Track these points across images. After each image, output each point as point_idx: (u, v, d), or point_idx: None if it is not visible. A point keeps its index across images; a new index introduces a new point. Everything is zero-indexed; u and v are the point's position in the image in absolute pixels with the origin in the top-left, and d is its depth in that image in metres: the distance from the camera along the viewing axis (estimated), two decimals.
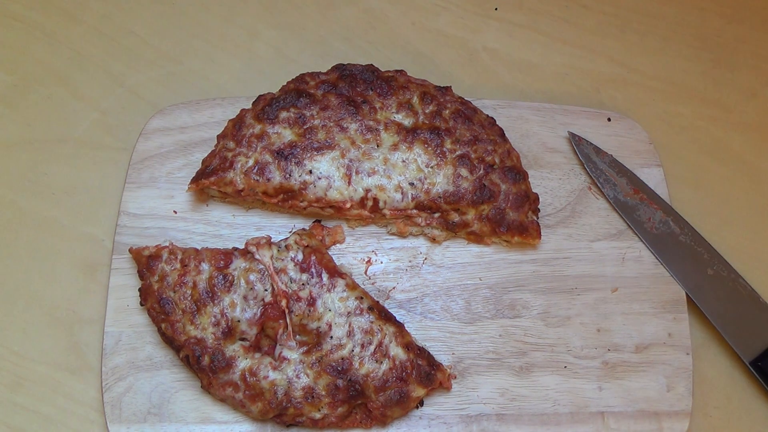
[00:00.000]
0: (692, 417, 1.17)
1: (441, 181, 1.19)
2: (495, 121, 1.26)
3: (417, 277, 1.22)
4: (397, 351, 1.11)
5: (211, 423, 1.12)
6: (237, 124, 1.21)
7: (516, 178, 1.21)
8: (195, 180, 1.19)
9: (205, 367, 1.08)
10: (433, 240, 1.24)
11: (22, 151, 1.31)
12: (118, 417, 1.11)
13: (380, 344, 1.11)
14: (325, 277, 1.13)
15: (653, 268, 1.25)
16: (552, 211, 1.28)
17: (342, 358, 1.09)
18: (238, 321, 1.10)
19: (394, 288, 1.21)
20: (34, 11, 1.42)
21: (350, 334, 1.11)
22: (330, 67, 1.26)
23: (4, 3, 1.42)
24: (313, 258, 1.14)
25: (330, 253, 1.21)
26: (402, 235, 1.24)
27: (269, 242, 1.16)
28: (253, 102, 1.24)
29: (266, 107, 1.21)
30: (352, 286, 1.14)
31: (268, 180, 1.18)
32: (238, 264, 1.13)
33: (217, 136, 1.22)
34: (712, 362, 1.24)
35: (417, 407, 1.13)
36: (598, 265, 1.24)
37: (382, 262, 1.23)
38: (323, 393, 1.08)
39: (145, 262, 1.14)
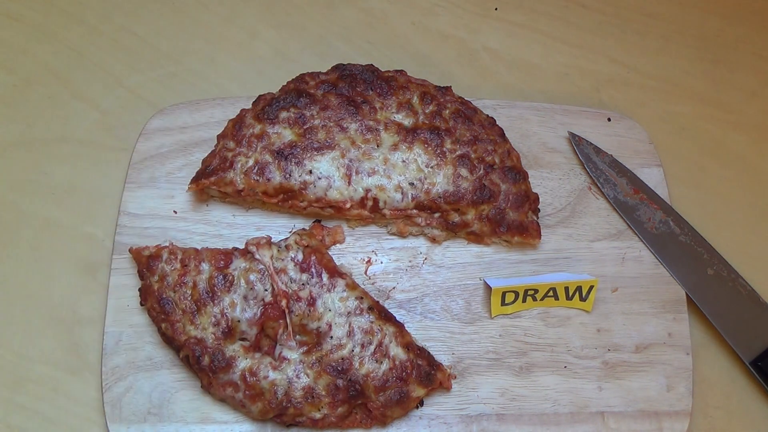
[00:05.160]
0: (692, 417, 1.17)
1: (441, 181, 1.19)
2: (495, 121, 1.26)
3: (417, 277, 1.22)
4: (397, 351, 1.11)
5: (211, 423, 1.12)
6: (237, 124, 1.21)
7: (516, 178, 1.21)
8: (195, 180, 1.19)
9: (205, 367, 1.08)
10: (433, 240, 1.24)
11: (22, 151, 1.31)
12: (118, 417, 1.11)
13: (380, 344, 1.10)
14: (325, 277, 1.13)
15: (653, 268, 1.25)
16: (552, 211, 1.28)
17: (342, 358, 1.09)
18: (238, 321, 1.10)
19: (394, 288, 1.21)
20: (34, 11, 1.42)
21: (350, 334, 1.11)
22: (330, 67, 1.26)
23: (4, 3, 1.42)
24: (313, 258, 1.14)
25: (330, 253, 1.21)
26: (402, 235, 1.24)
27: (269, 242, 1.16)
28: (253, 102, 1.24)
29: (266, 107, 1.21)
30: (352, 286, 1.14)
31: (268, 180, 1.18)
32: (238, 264, 1.13)
33: (217, 136, 1.22)
34: (712, 362, 1.24)
35: (417, 407, 1.13)
36: (598, 265, 1.24)
37: (382, 262, 1.23)
38: (323, 393, 1.08)
39: (145, 262, 1.14)
